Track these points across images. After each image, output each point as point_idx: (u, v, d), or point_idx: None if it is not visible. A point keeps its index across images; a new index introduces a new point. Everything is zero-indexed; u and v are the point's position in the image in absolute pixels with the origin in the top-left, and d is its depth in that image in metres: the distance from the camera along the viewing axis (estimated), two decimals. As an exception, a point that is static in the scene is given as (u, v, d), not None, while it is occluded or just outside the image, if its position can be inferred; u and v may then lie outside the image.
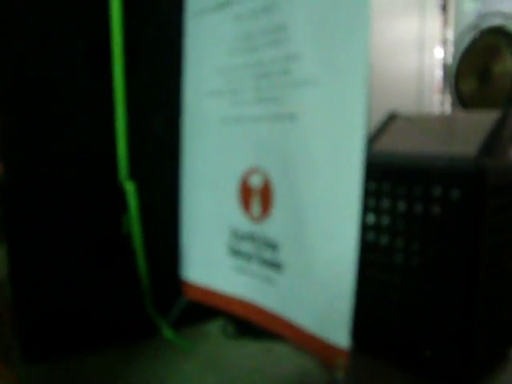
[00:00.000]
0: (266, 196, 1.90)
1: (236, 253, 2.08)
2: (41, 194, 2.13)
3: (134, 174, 2.24)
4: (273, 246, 1.89)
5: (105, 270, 2.28)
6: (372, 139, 2.39)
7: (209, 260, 2.22)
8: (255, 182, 1.94)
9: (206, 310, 2.34)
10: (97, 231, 2.23)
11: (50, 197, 2.14)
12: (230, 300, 2.15)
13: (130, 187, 2.20)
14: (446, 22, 5.17)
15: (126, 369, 2.17)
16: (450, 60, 5.03)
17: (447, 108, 5.12)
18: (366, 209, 2.16)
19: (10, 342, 2.39)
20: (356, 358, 2.09)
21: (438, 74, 5.27)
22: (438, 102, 5.26)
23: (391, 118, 2.54)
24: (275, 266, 1.89)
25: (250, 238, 1.99)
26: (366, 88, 1.50)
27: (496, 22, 4.50)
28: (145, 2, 2.28)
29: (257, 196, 1.95)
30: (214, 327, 2.58)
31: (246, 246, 2.02)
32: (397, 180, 2.07)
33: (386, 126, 2.49)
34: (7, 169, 2.11)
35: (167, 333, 2.41)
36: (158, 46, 2.33)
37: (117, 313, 2.33)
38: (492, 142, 2.04)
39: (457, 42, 4.91)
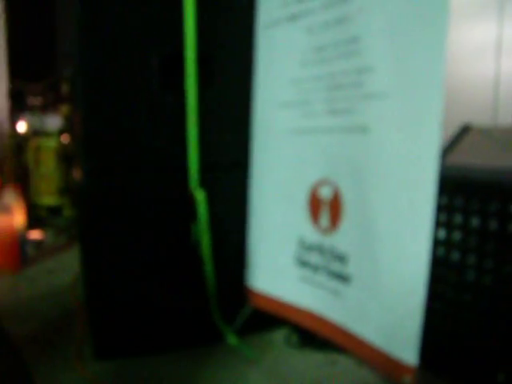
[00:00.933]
0: (335, 208, 1.90)
1: (303, 263, 2.08)
2: (115, 200, 2.22)
3: (204, 184, 2.29)
4: (341, 258, 1.88)
5: (173, 275, 2.34)
6: (445, 152, 2.34)
7: (275, 269, 2.23)
8: (325, 193, 1.94)
9: (270, 318, 2.36)
10: (167, 238, 2.30)
11: (124, 203, 2.23)
12: (295, 310, 2.15)
13: (200, 196, 2.25)
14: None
15: (191, 373, 2.22)
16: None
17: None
18: (436, 223, 2.11)
19: (83, 338, 2.50)
20: (423, 377, 2.04)
21: (516, 83, 5.06)
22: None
23: (465, 131, 2.47)
24: (343, 278, 1.88)
25: (318, 249, 1.99)
26: (442, 101, 1.48)
27: None
28: (217, 14, 2.33)
29: (326, 207, 1.94)
30: (278, 336, 2.59)
31: (314, 257, 2.02)
32: (470, 195, 2.01)
33: (459, 139, 2.42)
34: (85, 175, 2.22)
35: (232, 340, 2.44)
36: (230, 57, 2.37)
37: (184, 317, 2.39)
38: None
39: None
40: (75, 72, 2.55)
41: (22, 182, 5.03)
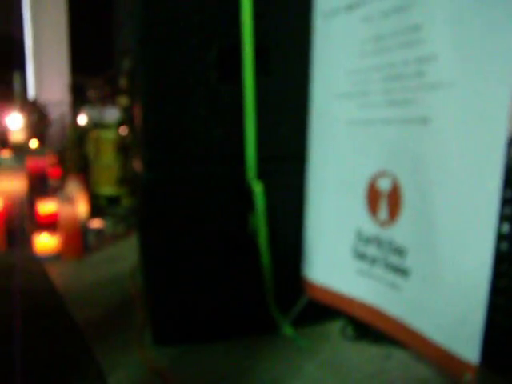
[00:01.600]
0: (394, 200, 1.87)
1: (360, 256, 2.06)
2: (174, 191, 2.27)
3: (261, 175, 2.30)
4: (400, 251, 1.85)
5: (230, 265, 2.37)
6: (510, 143, 2.25)
7: (332, 261, 2.23)
8: (383, 185, 1.92)
9: (325, 310, 2.36)
10: (225, 228, 2.33)
11: (182, 194, 2.28)
12: (352, 302, 2.14)
13: (257, 187, 2.26)
14: None
15: (246, 362, 2.25)
16: None
17: None
18: (500, 217, 2.04)
19: (142, 324, 2.58)
20: (484, 375, 1.99)
21: None
22: None
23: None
24: (401, 271, 1.85)
25: (376, 241, 1.97)
26: (511, 90, 1.42)
27: None
28: (274, 4, 2.33)
29: (384, 199, 1.92)
30: (333, 328, 2.58)
31: (371, 250, 2.00)
32: (537, 187, 1.94)
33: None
34: (147, 168, 2.28)
35: (287, 330, 2.46)
36: (286, 48, 2.36)
37: (240, 307, 2.42)
38: None
39: None
40: (136, 66, 2.62)
41: (84, 172, 5.20)
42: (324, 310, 2.36)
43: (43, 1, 10.88)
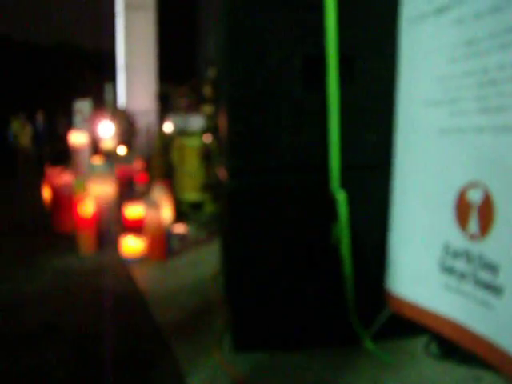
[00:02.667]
0: (485, 213, 1.77)
1: (448, 270, 1.97)
2: (259, 199, 2.29)
3: (344, 184, 2.27)
4: (491, 266, 1.75)
5: (312, 275, 2.35)
6: None
7: (417, 274, 2.14)
8: (474, 197, 1.82)
9: (409, 324, 2.27)
10: (307, 237, 2.32)
11: (265, 202, 2.29)
12: (438, 318, 2.04)
13: (341, 197, 2.23)
14: None
15: (325, 373, 2.21)
16: None
17: None
18: None
19: (222, 329, 2.61)
20: None
21: None
22: None
23: None
24: (493, 289, 1.74)
25: (465, 256, 1.87)
26: None
27: None
28: (358, 12, 2.29)
29: (475, 212, 1.82)
30: (417, 344, 2.48)
31: (460, 264, 1.90)
32: None
33: None
34: (231, 176, 2.31)
35: (368, 344, 2.39)
36: (372, 55, 2.32)
37: (320, 317, 2.39)
38: None
39: None
40: (221, 75, 2.67)
41: (169, 179, 5.37)
42: (407, 324, 2.27)
43: (135, 16, 11.42)
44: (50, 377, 2.28)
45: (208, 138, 5.00)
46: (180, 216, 4.91)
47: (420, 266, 2.11)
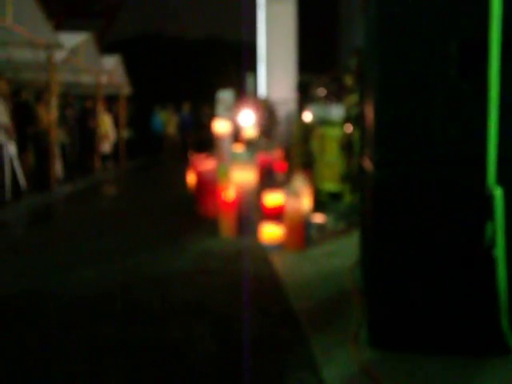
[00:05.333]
0: None
1: None
2: (406, 192, 2.20)
3: (501, 179, 2.09)
4: None
5: (460, 276, 2.21)
6: None
7: None
8: None
9: None
10: (456, 235, 2.18)
11: (415, 196, 2.19)
12: None
13: (497, 193, 2.06)
14: None
15: (463, 380, 2.07)
16: None
17: None
18: None
19: (359, 323, 2.56)
20: None
21: None
22: None
23: None
24: None
25: None
26: None
27: None
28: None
29: None
30: None
31: None
32: None
33: None
34: (377, 167, 2.25)
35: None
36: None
37: (466, 322, 2.24)
38: None
39: None
40: (368, 63, 2.60)
41: (308, 168, 5.40)
42: None
43: (276, 8, 11.60)
44: (192, 350, 2.42)
45: (349, 128, 4.92)
46: (318, 206, 4.91)
47: None
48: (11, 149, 6.17)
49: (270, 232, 4.07)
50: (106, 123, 10.69)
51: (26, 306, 2.99)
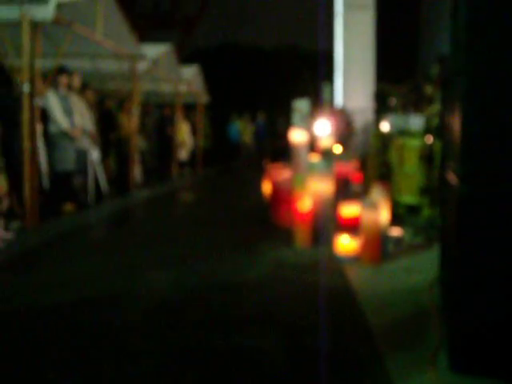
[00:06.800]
0: None
1: None
2: (495, 208, 2.08)
3: None
4: None
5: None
6: None
7: None
8: None
9: None
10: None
11: (505, 212, 2.07)
12: None
13: None
14: None
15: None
16: None
17: None
18: None
19: (438, 345, 2.44)
20: None
21: None
22: None
23: None
24: None
25: None
26: None
27: None
28: None
29: None
30: None
31: None
32: None
33: None
34: (463, 181, 2.14)
35: None
36: None
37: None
38: None
39: None
40: (455, 71, 2.50)
41: (385, 180, 5.26)
42: None
43: (354, 15, 11.47)
44: (265, 360, 2.40)
45: (430, 139, 4.75)
46: (396, 219, 4.77)
47: None
48: (95, 154, 6.46)
49: (345, 244, 4.00)
50: (183, 131, 10.99)
51: (106, 307, 3.10)
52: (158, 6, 21.31)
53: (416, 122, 5.82)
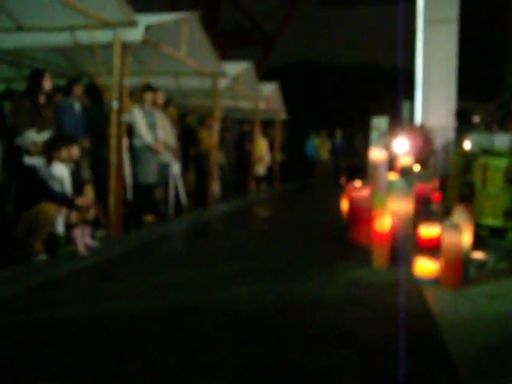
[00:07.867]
0: None
1: None
2: None
3: None
4: None
5: None
6: None
7: None
8: None
9: None
10: None
11: None
12: None
13: None
14: None
15: None
16: None
17: None
18: None
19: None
20: None
21: None
22: None
23: None
24: None
25: None
26: None
27: None
28: None
29: None
30: None
31: None
32: None
33: None
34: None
35: None
36: None
37: None
38: None
39: None
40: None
41: (467, 200, 5.07)
42: None
43: (435, 31, 11.21)
44: (340, 381, 2.37)
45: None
46: (478, 241, 4.58)
47: None
48: (176, 168, 6.68)
49: (425, 266, 3.88)
50: (261, 147, 11.13)
51: (183, 319, 3.19)
52: (238, 25, 21.87)
53: (502, 140, 5.60)
